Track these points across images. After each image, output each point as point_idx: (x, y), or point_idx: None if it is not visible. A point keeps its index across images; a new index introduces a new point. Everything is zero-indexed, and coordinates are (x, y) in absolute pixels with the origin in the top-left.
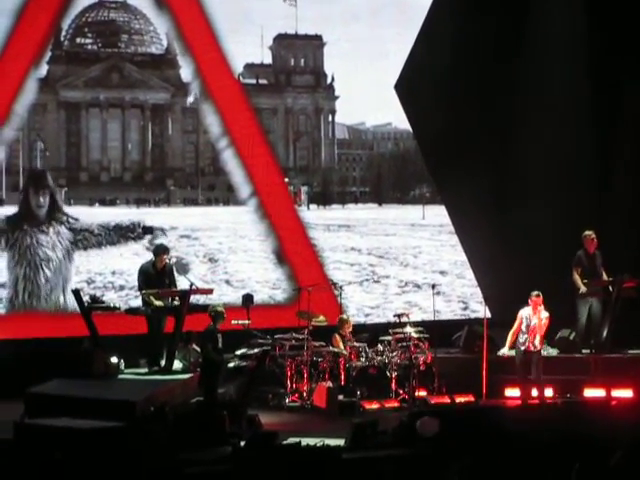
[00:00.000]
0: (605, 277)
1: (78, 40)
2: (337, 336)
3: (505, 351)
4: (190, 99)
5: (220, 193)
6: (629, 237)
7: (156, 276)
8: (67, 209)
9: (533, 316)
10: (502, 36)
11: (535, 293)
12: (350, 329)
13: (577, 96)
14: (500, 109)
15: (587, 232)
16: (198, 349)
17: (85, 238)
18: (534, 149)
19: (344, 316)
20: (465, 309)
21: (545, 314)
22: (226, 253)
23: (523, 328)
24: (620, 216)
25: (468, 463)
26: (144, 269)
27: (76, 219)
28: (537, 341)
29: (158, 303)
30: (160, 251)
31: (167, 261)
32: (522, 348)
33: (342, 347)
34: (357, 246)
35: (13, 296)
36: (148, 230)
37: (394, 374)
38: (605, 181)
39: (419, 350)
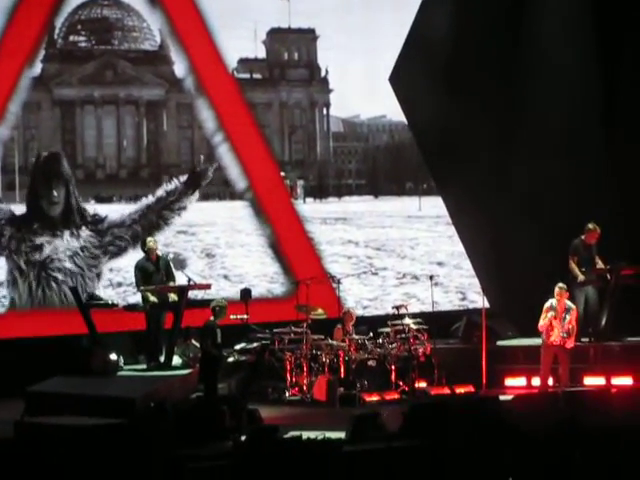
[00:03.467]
0: (601, 265)
1: (71, 38)
2: (340, 328)
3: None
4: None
5: (216, 188)
6: (627, 225)
7: (153, 270)
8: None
9: (559, 309)
10: (500, 24)
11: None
12: (353, 322)
13: (583, 81)
14: (497, 99)
15: (591, 225)
16: (197, 344)
17: (116, 237)
18: (533, 137)
19: (348, 309)
20: (463, 300)
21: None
22: (223, 248)
23: (553, 321)
24: (617, 204)
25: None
26: (140, 265)
27: (103, 217)
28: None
29: (154, 299)
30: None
31: (159, 253)
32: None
33: (343, 339)
34: (354, 239)
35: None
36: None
37: (393, 366)
38: (604, 171)
39: (418, 342)
